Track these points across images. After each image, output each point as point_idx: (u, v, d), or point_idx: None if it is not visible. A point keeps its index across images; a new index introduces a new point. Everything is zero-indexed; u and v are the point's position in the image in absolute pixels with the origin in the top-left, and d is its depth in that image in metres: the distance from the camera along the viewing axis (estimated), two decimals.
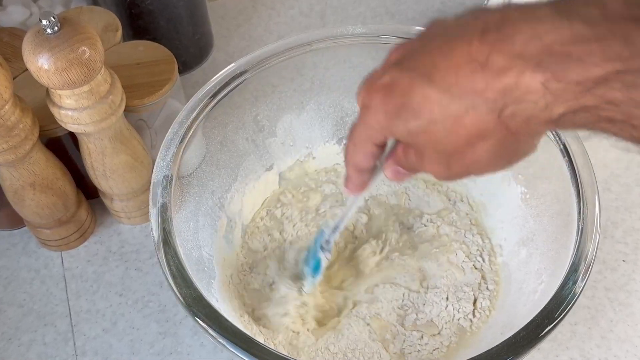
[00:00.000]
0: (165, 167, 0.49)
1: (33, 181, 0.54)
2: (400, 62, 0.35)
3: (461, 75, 0.31)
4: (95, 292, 0.60)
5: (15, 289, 0.60)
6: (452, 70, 0.31)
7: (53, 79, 0.46)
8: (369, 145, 0.38)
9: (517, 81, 0.29)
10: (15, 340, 0.57)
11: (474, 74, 0.30)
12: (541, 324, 0.42)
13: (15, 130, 0.50)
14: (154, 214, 0.46)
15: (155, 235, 0.46)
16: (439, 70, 0.32)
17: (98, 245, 0.63)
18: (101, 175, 0.57)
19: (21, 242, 0.63)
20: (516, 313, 0.49)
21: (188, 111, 0.52)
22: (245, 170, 0.59)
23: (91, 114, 0.50)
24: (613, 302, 0.58)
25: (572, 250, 0.45)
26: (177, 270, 0.44)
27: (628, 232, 0.62)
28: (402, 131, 0.34)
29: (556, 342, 0.55)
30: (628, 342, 0.55)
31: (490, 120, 0.31)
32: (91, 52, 0.47)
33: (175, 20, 0.70)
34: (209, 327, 0.41)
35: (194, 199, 0.52)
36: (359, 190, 0.43)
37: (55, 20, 0.45)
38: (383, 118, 0.35)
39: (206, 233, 0.53)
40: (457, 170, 0.35)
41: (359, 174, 0.41)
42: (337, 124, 0.62)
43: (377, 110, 0.35)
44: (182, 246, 0.46)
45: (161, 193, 0.47)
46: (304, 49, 0.56)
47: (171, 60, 0.61)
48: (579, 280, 0.43)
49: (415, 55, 0.34)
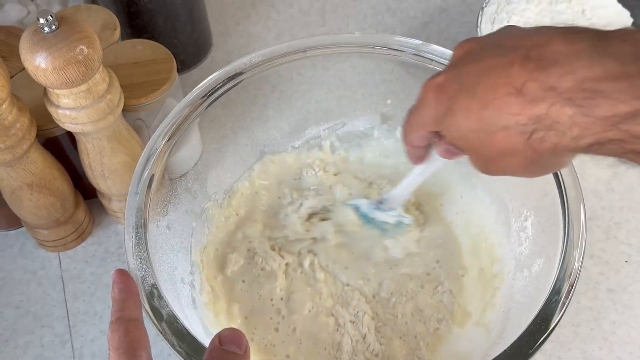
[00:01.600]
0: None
1: (30, 181, 0.54)
2: (456, 65, 0.38)
3: (498, 96, 0.34)
4: (93, 293, 0.60)
5: (11, 291, 0.60)
6: (491, 89, 0.34)
7: (50, 78, 0.46)
8: (422, 130, 0.42)
9: (548, 111, 0.32)
10: (12, 342, 0.57)
11: (509, 96, 0.33)
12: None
13: (13, 130, 0.50)
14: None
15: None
16: (481, 86, 0.35)
17: (96, 246, 0.63)
18: (99, 176, 0.57)
19: (18, 242, 0.63)
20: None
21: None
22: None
23: (89, 114, 0.50)
24: (616, 303, 0.58)
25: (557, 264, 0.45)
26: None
27: (632, 233, 0.62)
28: (447, 131, 0.39)
29: (559, 343, 0.55)
30: (631, 344, 0.56)
31: (519, 142, 0.34)
32: (89, 51, 0.47)
33: (173, 19, 0.70)
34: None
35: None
36: (418, 161, 0.48)
37: (53, 18, 0.45)
38: (434, 115, 0.39)
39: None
40: (494, 170, 0.39)
41: (414, 149, 0.46)
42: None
43: (429, 106, 0.39)
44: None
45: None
46: (299, 55, 0.56)
47: (170, 59, 0.61)
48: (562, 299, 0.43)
49: (469, 61, 0.37)
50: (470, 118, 0.36)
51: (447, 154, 0.45)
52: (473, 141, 0.37)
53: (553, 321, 0.42)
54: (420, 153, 0.47)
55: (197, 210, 0.55)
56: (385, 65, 0.57)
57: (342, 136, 0.62)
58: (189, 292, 0.50)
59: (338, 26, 0.81)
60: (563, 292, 0.43)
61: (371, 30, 0.80)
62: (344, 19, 0.81)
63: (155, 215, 0.48)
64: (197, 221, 0.55)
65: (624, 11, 0.68)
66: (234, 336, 0.37)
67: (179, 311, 0.43)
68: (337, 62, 0.58)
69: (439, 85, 0.39)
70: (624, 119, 0.30)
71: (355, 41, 0.56)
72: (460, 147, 0.39)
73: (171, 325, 0.41)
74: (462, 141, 0.38)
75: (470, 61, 0.37)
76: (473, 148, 0.38)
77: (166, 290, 0.44)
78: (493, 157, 0.37)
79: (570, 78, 0.31)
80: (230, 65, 0.54)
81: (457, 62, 0.39)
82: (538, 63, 0.33)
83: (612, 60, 0.31)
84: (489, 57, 0.36)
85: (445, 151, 0.45)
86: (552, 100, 0.32)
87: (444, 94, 0.38)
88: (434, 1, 0.83)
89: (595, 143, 0.32)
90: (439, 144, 0.45)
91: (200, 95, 0.53)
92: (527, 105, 0.33)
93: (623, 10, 0.68)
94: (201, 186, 0.56)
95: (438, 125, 0.39)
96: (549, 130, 0.33)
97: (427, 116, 0.40)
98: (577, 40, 0.33)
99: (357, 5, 0.83)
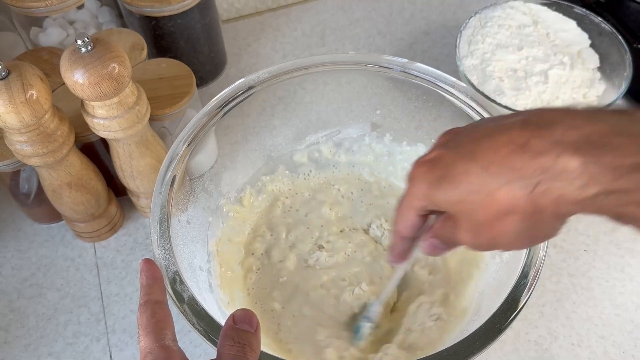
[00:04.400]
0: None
1: (69, 181, 0.55)
2: (446, 143, 0.35)
3: (500, 155, 0.30)
4: (123, 278, 0.60)
5: (53, 275, 0.61)
6: (492, 150, 0.31)
7: (87, 91, 0.47)
8: (412, 214, 0.37)
9: (555, 160, 0.29)
10: (54, 319, 0.58)
11: (512, 154, 0.30)
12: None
13: (54, 137, 0.50)
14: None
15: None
16: (480, 149, 0.32)
17: (126, 237, 0.64)
18: (129, 176, 0.57)
19: (59, 234, 0.64)
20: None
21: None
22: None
23: (120, 122, 0.50)
24: (576, 286, 0.58)
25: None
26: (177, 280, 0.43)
27: (589, 225, 0.62)
28: (442, 198, 0.34)
29: (527, 322, 0.55)
30: (589, 321, 0.56)
31: (521, 196, 0.30)
32: (120, 69, 0.47)
33: (193, 41, 0.70)
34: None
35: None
36: (401, 258, 0.41)
37: (89, 40, 0.46)
38: (426, 187, 0.34)
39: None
40: (484, 241, 0.34)
41: (401, 241, 0.40)
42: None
43: (421, 180, 0.35)
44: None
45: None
46: (302, 72, 0.56)
47: (190, 75, 0.61)
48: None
49: (461, 137, 0.34)
50: (469, 179, 0.32)
51: (432, 249, 0.38)
52: (471, 203, 0.32)
53: (521, 301, 0.42)
54: (405, 247, 0.40)
55: (212, 207, 0.55)
56: (376, 81, 0.57)
57: (337, 142, 0.62)
58: (206, 277, 0.50)
59: (336, 47, 0.81)
60: (530, 276, 0.43)
61: (364, 50, 0.80)
62: (340, 40, 0.81)
63: (177, 212, 0.48)
64: (213, 216, 0.55)
65: (582, 34, 0.69)
66: (245, 316, 0.36)
67: (197, 294, 0.43)
68: (335, 77, 0.58)
69: (431, 159, 0.34)
70: (633, 170, 0.27)
71: (350, 60, 0.56)
72: (456, 214, 0.34)
73: (191, 306, 0.42)
74: (459, 205, 0.33)
75: (463, 137, 0.34)
76: (470, 211, 0.33)
77: (187, 276, 0.44)
78: (489, 220, 0.32)
79: (575, 133, 0.28)
80: (242, 80, 0.55)
81: (446, 142, 0.35)
82: (538, 124, 0.30)
83: (607, 123, 0.29)
84: (484, 128, 0.32)
85: (430, 247, 0.38)
86: (559, 150, 0.28)
87: (437, 165, 0.34)
88: (418, 26, 0.83)
89: (602, 192, 0.28)
90: (424, 238, 0.38)
91: (217, 106, 0.53)
92: (532, 158, 0.29)
93: (582, 33, 0.69)
94: (216, 186, 0.56)
95: (431, 197, 0.34)
96: (555, 181, 0.29)
97: (418, 191, 0.35)
98: (571, 108, 0.30)
99: (352, 29, 0.83)
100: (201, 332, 0.40)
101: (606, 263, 0.59)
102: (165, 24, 0.67)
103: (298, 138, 0.61)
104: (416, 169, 0.35)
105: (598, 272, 0.59)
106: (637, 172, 0.27)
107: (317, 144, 0.62)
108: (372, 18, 0.84)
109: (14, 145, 0.50)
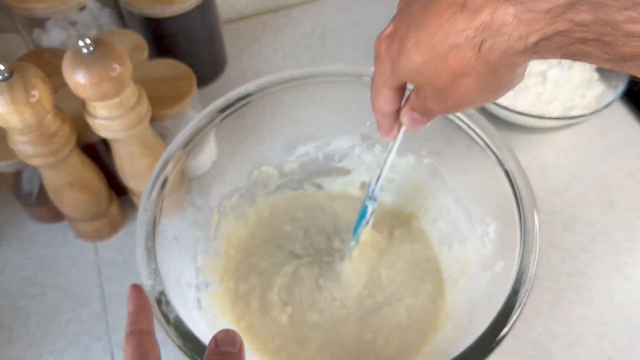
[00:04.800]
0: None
1: (71, 181, 0.54)
2: (401, 12, 0.35)
3: (445, 19, 0.31)
4: (124, 277, 0.60)
5: (56, 275, 0.60)
6: (437, 15, 0.31)
7: (88, 92, 0.46)
8: (386, 90, 0.38)
9: (492, 17, 0.29)
10: (57, 318, 0.57)
11: (454, 15, 0.30)
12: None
13: (56, 137, 0.50)
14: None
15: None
16: (427, 15, 0.31)
17: (127, 236, 0.63)
18: (130, 176, 0.57)
19: (61, 234, 0.63)
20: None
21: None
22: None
23: (121, 123, 0.50)
24: (573, 285, 0.57)
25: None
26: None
27: (586, 226, 0.62)
28: (403, 72, 0.34)
29: (525, 321, 0.55)
30: (585, 320, 0.55)
31: (471, 57, 0.30)
32: (121, 69, 0.47)
33: (194, 42, 0.70)
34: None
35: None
36: (389, 133, 0.42)
37: (90, 41, 0.45)
38: (389, 63, 0.35)
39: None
40: (451, 104, 0.34)
41: (384, 117, 0.41)
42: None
43: (384, 56, 0.35)
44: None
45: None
46: (292, 84, 0.55)
47: (190, 76, 0.60)
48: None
49: (412, 3, 0.34)
50: (421, 50, 0.32)
51: (412, 122, 0.39)
52: (428, 73, 0.33)
53: (512, 317, 0.41)
54: (390, 122, 0.41)
55: (201, 221, 0.54)
56: (365, 93, 0.55)
57: (327, 153, 0.61)
58: (194, 294, 0.49)
59: (335, 48, 0.80)
60: (520, 294, 0.42)
61: (364, 51, 0.80)
62: (340, 42, 0.81)
63: (163, 228, 0.46)
64: (202, 231, 0.53)
65: None
66: (227, 337, 0.35)
67: (185, 314, 0.41)
68: (325, 89, 0.56)
69: (388, 35, 0.35)
70: (566, 9, 0.27)
71: (340, 72, 0.55)
72: (419, 85, 0.35)
73: (177, 328, 0.40)
74: (419, 77, 0.33)
75: (413, 3, 0.34)
76: (429, 81, 0.33)
77: (173, 295, 0.42)
78: (449, 84, 0.33)
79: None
80: (231, 93, 0.53)
81: (401, 10, 0.35)
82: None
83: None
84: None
85: (410, 120, 0.39)
86: (494, 4, 0.29)
87: (394, 39, 0.34)
88: None
89: (542, 38, 0.28)
90: (402, 112, 0.39)
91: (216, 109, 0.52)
92: (472, 18, 0.29)
93: None
94: (205, 200, 0.54)
95: (396, 73, 0.35)
96: (497, 37, 0.29)
97: (385, 68, 0.36)
98: None
99: (352, 30, 0.82)
100: (187, 355, 0.39)
101: (603, 263, 0.59)
102: (166, 25, 0.66)
103: (288, 149, 0.60)
104: (378, 46, 0.36)
105: (595, 271, 0.58)
106: (569, 11, 0.27)
107: (307, 155, 0.61)
108: (372, 20, 0.83)
109: (16, 145, 0.49)
